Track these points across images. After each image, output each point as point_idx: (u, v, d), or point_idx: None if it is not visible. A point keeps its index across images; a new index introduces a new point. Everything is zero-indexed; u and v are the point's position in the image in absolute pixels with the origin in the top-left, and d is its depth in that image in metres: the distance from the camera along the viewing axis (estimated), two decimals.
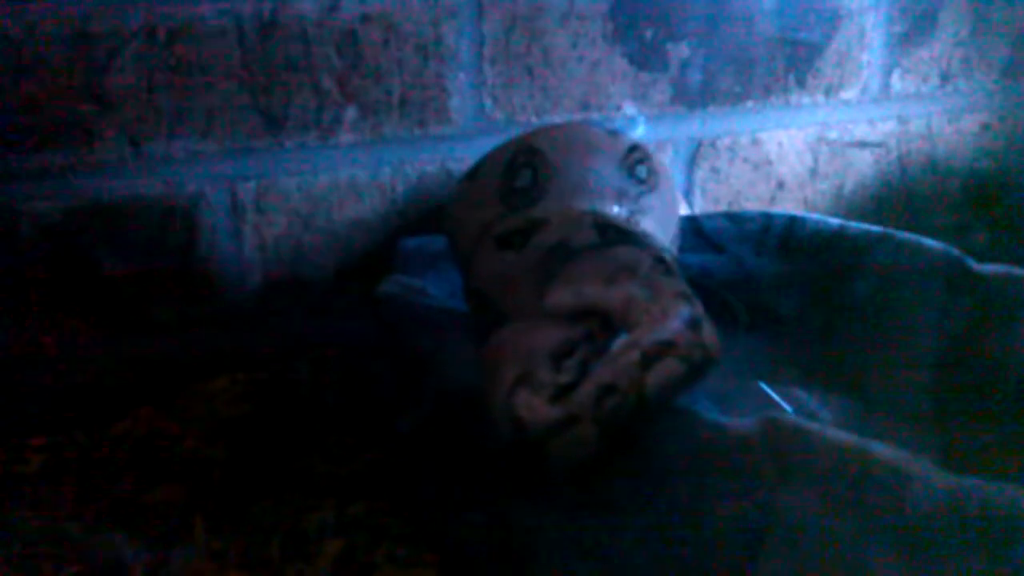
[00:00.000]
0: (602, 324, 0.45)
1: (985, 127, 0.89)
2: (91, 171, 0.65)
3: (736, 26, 0.78)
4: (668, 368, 0.42)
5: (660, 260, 0.47)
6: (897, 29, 0.83)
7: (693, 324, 0.43)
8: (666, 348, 0.42)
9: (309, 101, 0.68)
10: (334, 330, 0.72)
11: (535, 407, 0.42)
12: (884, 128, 0.86)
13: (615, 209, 0.51)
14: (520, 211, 0.51)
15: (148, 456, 0.60)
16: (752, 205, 0.84)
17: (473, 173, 0.54)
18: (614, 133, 0.53)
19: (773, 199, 0.84)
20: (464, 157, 0.73)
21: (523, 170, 0.51)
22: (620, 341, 0.43)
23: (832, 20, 0.81)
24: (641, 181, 0.53)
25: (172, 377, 0.68)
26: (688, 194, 0.81)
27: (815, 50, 0.81)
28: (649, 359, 0.42)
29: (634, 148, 0.53)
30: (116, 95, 0.64)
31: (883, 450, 0.38)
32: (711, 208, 0.82)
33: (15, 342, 0.66)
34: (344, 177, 0.71)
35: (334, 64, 0.68)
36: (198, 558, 0.51)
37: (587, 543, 0.44)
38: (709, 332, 0.43)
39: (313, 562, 0.51)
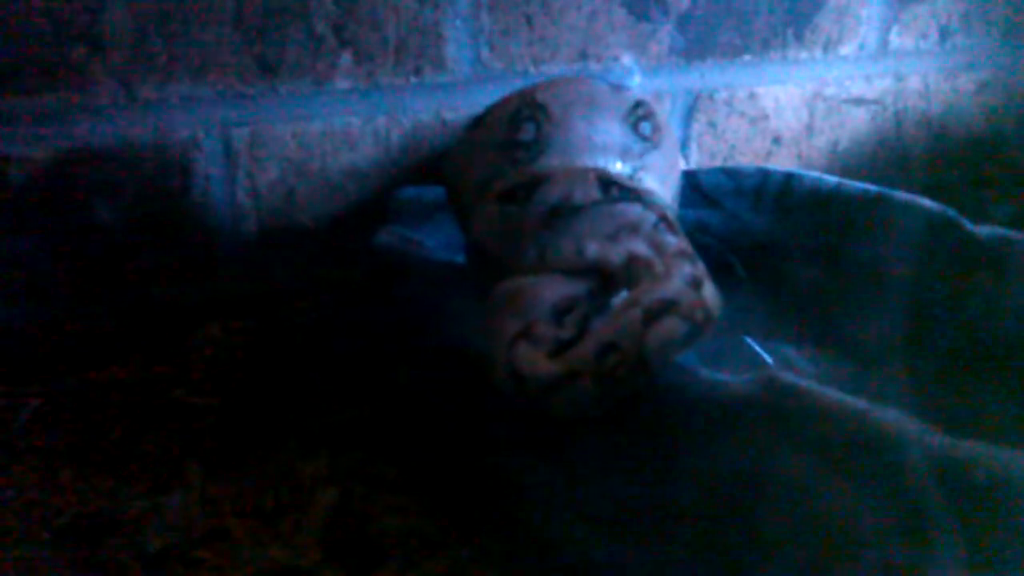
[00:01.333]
0: (604, 281, 0.45)
1: (983, 85, 0.89)
2: (82, 115, 0.63)
3: None
4: (669, 327, 0.42)
5: (663, 218, 0.47)
6: None
7: (695, 283, 0.43)
8: (668, 307, 0.42)
9: (304, 46, 0.67)
10: (328, 278, 0.72)
11: (535, 362, 0.42)
12: (881, 85, 0.86)
13: (619, 166, 0.51)
14: (523, 165, 0.50)
15: (142, 403, 0.60)
16: (748, 160, 0.84)
17: (475, 125, 0.53)
18: (618, 89, 0.53)
19: (769, 154, 0.84)
20: (460, 106, 0.73)
21: (526, 124, 0.51)
22: (621, 298, 0.43)
23: None
24: (645, 138, 0.52)
25: (165, 324, 0.67)
26: (684, 147, 0.81)
27: (814, 4, 0.81)
28: (650, 317, 0.42)
29: (639, 104, 0.53)
30: (108, 37, 0.62)
31: (880, 412, 0.38)
32: (707, 162, 0.82)
33: (5, 290, 0.65)
34: (338, 124, 0.70)
35: (329, 9, 0.67)
36: (192, 506, 0.51)
37: (583, 499, 0.45)
38: (710, 291, 0.44)
39: (308, 511, 0.51)
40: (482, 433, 0.49)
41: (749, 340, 0.60)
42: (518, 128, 0.51)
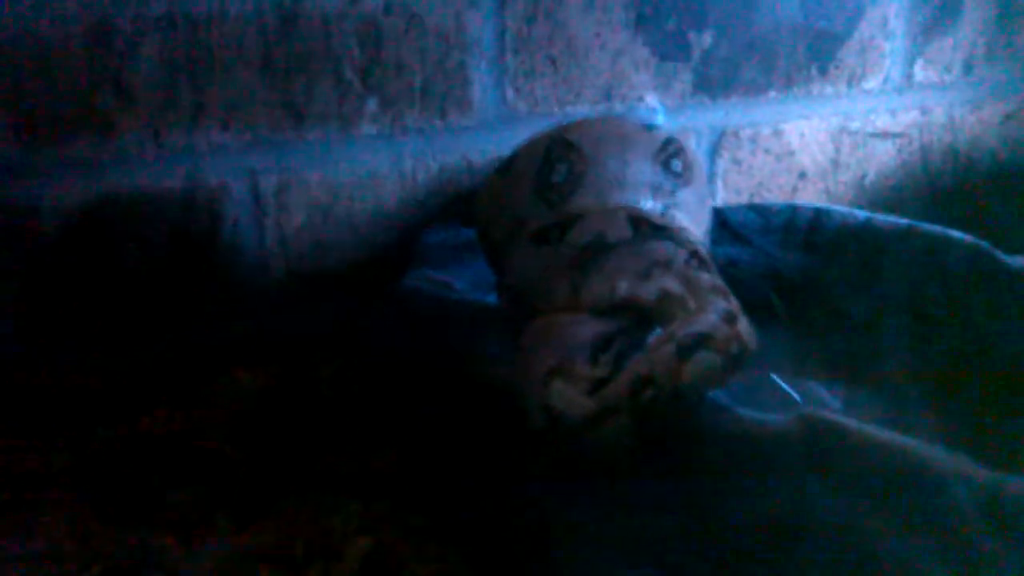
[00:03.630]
0: (637, 318, 0.45)
1: (1008, 116, 0.89)
2: (113, 163, 0.64)
3: (759, 15, 0.77)
4: (704, 360, 0.42)
5: (695, 254, 0.46)
6: (920, 18, 0.83)
7: (729, 318, 0.43)
8: (702, 341, 0.42)
9: (330, 92, 0.68)
10: (356, 323, 0.72)
11: (571, 399, 0.42)
12: (906, 118, 0.86)
13: (650, 203, 0.51)
14: (555, 206, 0.50)
15: (171, 453, 0.60)
16: (774, 196, 0.83)
17: (506, 166, 0.53)
18: (649, 127, 0.53)
19: (795, 190, 0.84)
20: (486, 148, 0.73)
21: (558, 164, 0.51)
22: (656, 335, 0.43)
23: (855, 9, 0.80)
24: (676, 175, 0.53)
25: (195, 370, 0.67)
26: (710, 184, 0.81)
27: (838, 40, 0.81)
28: (685, 351, 0.41)
29: (669, 142, 0.53)
30: (137, 87, 0.63)
31: (921, 447, 0.38)
32: (733, 199, 0.82)
33: (37, 337, 0.65)
34: (365, 168, 0.71)
35: (355, 55, 0.68)
36: (222, 556, 0.51)
37: (620, 536, 0.44)
38: (745, 326, 0.43)
39: (339, 559, 0.50)
40: (516, 474, 0.49)
41: (776, 378, 0.59)
42: (551, 168, 0.51)
